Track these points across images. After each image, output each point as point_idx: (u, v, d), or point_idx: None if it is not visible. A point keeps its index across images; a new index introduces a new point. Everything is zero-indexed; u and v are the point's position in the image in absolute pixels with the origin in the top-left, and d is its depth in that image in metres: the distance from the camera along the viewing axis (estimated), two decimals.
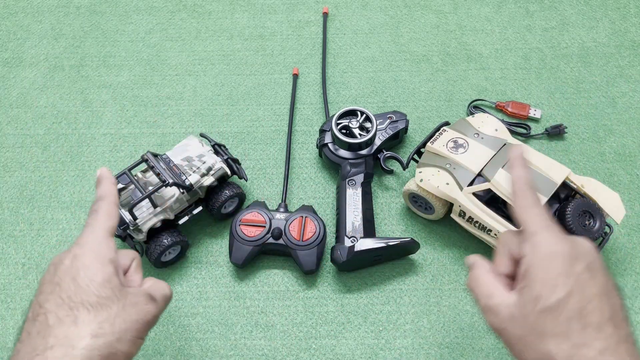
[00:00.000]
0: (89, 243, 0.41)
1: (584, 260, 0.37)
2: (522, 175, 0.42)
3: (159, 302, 0.42)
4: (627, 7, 0.81)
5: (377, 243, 0.59)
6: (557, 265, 0.37)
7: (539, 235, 0.38)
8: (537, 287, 0.36)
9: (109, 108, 0.74)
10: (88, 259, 0.40)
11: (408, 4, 0.83)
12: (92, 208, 0.44)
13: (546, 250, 0.37)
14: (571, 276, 0.36)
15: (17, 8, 0.84)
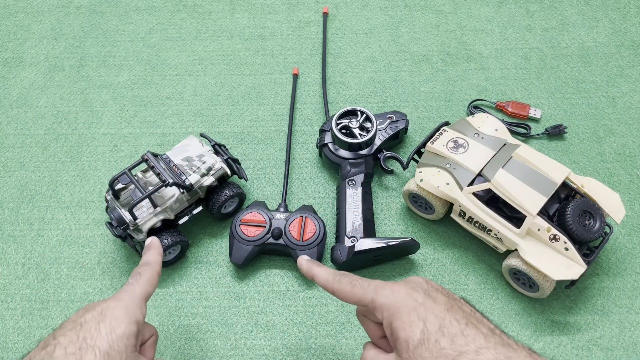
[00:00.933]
0: (124, 300, 0.43)
1: (419, 289, 0.41)
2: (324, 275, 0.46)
3: None
4: (627, 7, 0.81)
5: (377, 243, 0.59)
6: (404, 306, 0.40)
7: (378, 298, 0.41)
8: (401, 335, 0.39)
9: (109, 108, 0.74)
10: (118, 312, 0.41)
11: (408, 4, 0.83)
12: (137, 270, 0.47)
13: (392, 303, 0.41)
14: (418, 307, 0.40)
15: (17, 8, 0.84)
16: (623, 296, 0.60)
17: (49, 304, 0.61)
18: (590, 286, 0.61)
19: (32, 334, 0.59)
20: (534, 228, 0.56)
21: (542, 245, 0.56)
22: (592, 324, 0.58)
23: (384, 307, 0.41)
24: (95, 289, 0.62)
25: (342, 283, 0.44)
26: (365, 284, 0.43)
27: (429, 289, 0.42)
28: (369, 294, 0.42)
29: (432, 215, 0.64)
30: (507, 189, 0.56)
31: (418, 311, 0.40)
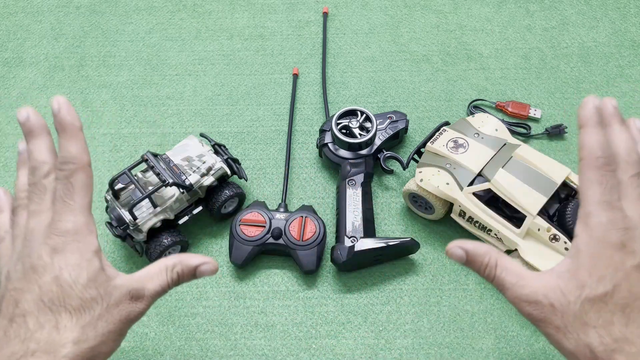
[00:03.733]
0: (69, 232, 0.36)
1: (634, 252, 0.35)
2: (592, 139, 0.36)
3: (147, 300, 0.39)
4: (627, 7, 0.81)
5: (377, 243, 0.59)
6: (608, 255, 0.34)
7: (594, 217, 0.35)
8: (581, 275, 0.34)
9: (109, 108, 0.74)
10: (71, 256, 0.35)
11: (408, 4, 0.83)
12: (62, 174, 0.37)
13: (598, 236, 0.35)
14: (620, 270, 0.34)
15: (17, 8, 0.84)
16: None
17: None
18: None
19: None
20: (534, 228, 0.56)
21: (542, 245, 0.56)
22: None
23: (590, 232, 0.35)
24: None
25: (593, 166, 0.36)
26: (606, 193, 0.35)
27: None
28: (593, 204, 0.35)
29: (432, 215, 0.64)
30: (507, 189, 0.56)
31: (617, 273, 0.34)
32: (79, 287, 0.35)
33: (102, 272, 0.36)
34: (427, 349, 0.58)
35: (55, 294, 0.35)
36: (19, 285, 0.36)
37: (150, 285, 0.39)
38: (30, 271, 0.36)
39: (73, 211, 0.36)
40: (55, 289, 0.35)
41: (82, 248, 0.36)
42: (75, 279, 0.35)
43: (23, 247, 0.37)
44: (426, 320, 0.59)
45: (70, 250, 0.36)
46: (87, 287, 0.35)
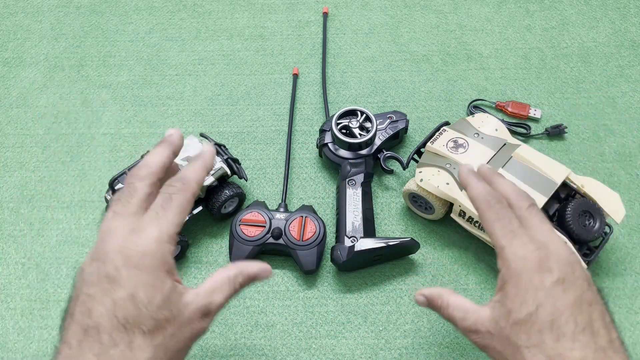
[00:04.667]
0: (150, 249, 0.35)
1: (556, 271, 0.37)
2: (479, 189, 0.42)
3: (213, 314, 0.39)
4: (627, 7, 0.81)
5: (377, 243, 0.59)
6: (527, 279, 0.37)
7: (507, 249, 0.38)
8: (508, 303, 0.37)
9: (109, 108, 0.74)
10: (147, 274, 0.35)
11: (408, 4, 0.83)
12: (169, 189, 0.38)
13: (515, 266, 0.38)
14: (540, 290, 0.36)
15: (17, 8, 0.84)
16: (623, 296, 0.60)
17: (49, 304, 0.61)
18: None
19: (32, 334, 0.59)
20: None
21: None
22: None
23: (507, 263, 0.38)
24: None
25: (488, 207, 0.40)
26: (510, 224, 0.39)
27: (567, 276, 0.37)
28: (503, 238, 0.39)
29: (432, 215, 0.64)
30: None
31: (537, 294, 0.36)
32: (153, 308, 0.34)
33: (175, 292, 0.36)
34: (427, 349, 0.58)
35: (130, 312, 0.34)
36: (93, 292, 0.35)
37: (217, 299, 0.39)
38: (104, 280, 0.35)
39: (160, 225, 0.36)
40: (130, 307, 0.34)
41: (157, 266, 0.35)
42: (151, 299, 0.34)
43: (99, 244, 0.37)
44: (426, 320, 0.59)
45: (146, 267, 0.35)
46: (161, 308, 0.35)
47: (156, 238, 0.36)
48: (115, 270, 0.35)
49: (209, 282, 0.40)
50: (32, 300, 0.61)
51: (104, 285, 0.35)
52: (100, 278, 0.35)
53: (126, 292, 0.34)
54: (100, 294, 0.35)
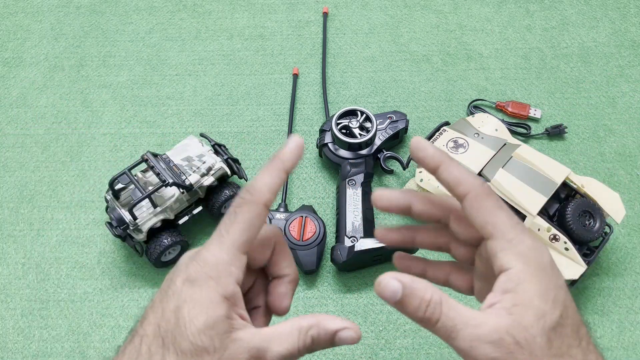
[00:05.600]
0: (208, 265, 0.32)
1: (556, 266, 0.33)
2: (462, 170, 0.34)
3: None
4: (627, 7, 0.81)
5: (377, 243, 0.59)
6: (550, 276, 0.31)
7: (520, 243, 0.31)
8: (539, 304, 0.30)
9: (109, 108, 0.74)
10: (199, 291, 0.31)
11: (408, 4, 0.83)
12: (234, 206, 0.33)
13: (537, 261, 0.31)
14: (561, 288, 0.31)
15: (17, 8, 0.84)
16: (623, 296, 0.60)
17: (49, 304, 0.61)
18: (590, 286, 0.61)
19: (32, 334, 0.59)
20: (534, 228, 0.56)
21: None
22: (592, 324, 0.58)
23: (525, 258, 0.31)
24: (95, 289, 0.62)
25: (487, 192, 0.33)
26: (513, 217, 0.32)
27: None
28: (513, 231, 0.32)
29: None
30: (507, 188, 0.56)
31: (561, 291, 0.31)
32: (192, 329, 0.31)
33: (225, 321, 0.31)
34: (427, 349, 0.58)
35: (171, 325, 0.31)
36: (155, 299, 0.33)
37: (277, 347, 0.33)
38: (164, 290, 0.33)
39: (221, 244, 0.32)
40: (172, 320, 0.31)
41: (212, 287, 0.31)
42: (192, 318, 0.31)
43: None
44: None
45: (200, 285, 0.32)
46: (201, 332, 0.31)
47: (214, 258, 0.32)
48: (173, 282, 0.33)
49: (276, 326, 0.35)
50: (32, 300, 0.61)
51: (163, 295, 0.33)
52: (164, 289, 0.33)
53: (175, 304, 0.32)
54: (157, 302, 0.33)
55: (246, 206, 0.33)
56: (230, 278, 0.32)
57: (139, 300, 0.61)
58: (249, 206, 0.33)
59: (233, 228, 0.32)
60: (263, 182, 0.33)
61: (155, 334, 0.31)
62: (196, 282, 0.32)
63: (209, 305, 0.31)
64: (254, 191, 0.33)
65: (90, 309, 0.61)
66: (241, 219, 0.32)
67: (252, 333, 0.32)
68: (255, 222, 0.33)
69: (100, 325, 0.60)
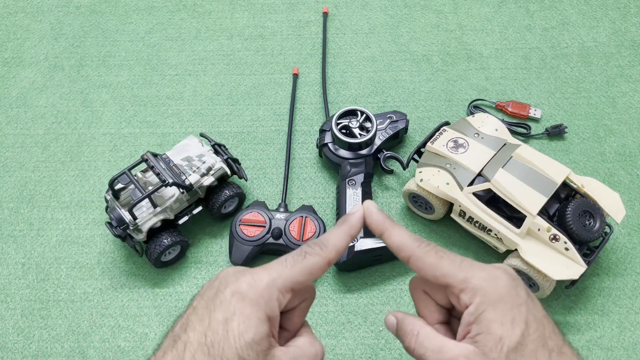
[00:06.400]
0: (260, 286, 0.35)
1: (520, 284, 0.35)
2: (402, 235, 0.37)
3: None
4: (628, 7, 0.81)
5: (377, 243, 0.59)
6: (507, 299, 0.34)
7: (473, 279, 0.35)
8: (497, 330, 0.33)
9: (109, 108, 0.74)
10: (249, 306, 0.34)
11: (408, 4, 0.83)
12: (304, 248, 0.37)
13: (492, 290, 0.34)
14: (521, 305, 0.34)
15: (17, 8, 0.84)
16: (623, 296, 0.60)
17: (49, 304, 0.61)
18: (590, 286, 0.61)
19: (32, 334, 0.59)
20: (534, 228, 0.56)
21: (542, 245, 0.56)
22: (592, 324, 0.58)
23: (480, 291, 0.34)
24: (95, 289, 0.62)
25: (426, 251, 0.36)
26: (456, 259, 0.36)
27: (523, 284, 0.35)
28: (461, 272, 0.35)
29: (432, 215, 0.64)
30: (507, 188, 0.56)
31: (521, 309, 0.34)
32: (241, 343, 0.33)
33: (268, 339, 0.34)
34: None
35: (219, 336, 0.33)
36: (198, 306, 0.35)
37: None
38: (212, 299, 0.35)
39: (281, 273, 0.35)
40: (220, 332, 0.33)
41: (261, 305, 0.34)
42: (242, 332, 0.33)
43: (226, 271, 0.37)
44: None
45: (251, 301, 0.34)
46: (249, 346, 0.33)
47: (269, 280, 0.35)
48: (224, 294, 0.35)
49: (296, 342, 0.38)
50: (32, 300, 0.61)
51: (209, 304, 0.35)
52: (210, 297, 0.35)
53: (223, 316, 0.34)
54: (203, 310, 0.35)
55: (316, 256, 0.36)
56: (275, 302, 0.35)
57: (138, 300, 0.61)
58: (318, 258, 0.36)
59: (297, 266, 0.36)
60: (334, 242, 0.37)
61: (200, 343, 0.33)
62: (247, 297, 0.34)
63: (258, 322, 0.34)
64: (326, 249, 0.37)
65: (90, 309, 0.61)
66: (307, 263, 0.36)
67: (284, 351, 0.36)
68: (315, 272, 0.36)
69: (100, 325, 0.60)
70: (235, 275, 0.36)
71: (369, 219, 0.38)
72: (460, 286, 0.35)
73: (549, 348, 0.33)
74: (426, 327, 0.37)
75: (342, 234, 0.38)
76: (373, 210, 0.38)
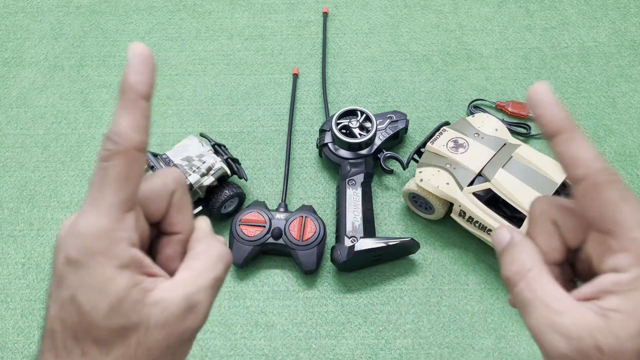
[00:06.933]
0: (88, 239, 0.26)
1: None
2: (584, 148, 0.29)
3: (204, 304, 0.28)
4: (628, 7, 0.81)
5: (377, 243, 0.59)
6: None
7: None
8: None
9: (109, 108, 0.74)
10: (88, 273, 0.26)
11: (408, 4, 0.83)
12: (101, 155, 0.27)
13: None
14: None
15: (17, 8, 0.84)
16: None
17: None
18: None
19: (32, 334, 0.59)
20: None
21: None
22: None
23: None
24: None
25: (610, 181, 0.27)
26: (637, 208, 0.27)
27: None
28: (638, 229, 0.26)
29: (432, 215, 0.64)
30: (507, 188, 0.56)
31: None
32: (100, 315, 0.26)
33: (134, 290, 0.27)
34: (427, 349, 0.58)
35: (74, 319, 0.27)
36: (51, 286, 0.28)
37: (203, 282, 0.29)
38: (55, 280, 0.28)
39: (97, 209, 0.27)
40: (73, 312, 0.27)
41: (102, 263, 0.26)
42: (94, 305, 0.26)
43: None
44: (426, 320, 0.59)
45: (87, 265, 0.26)
46: (111, 315, 0.26)
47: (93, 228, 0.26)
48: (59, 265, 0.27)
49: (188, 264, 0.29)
50: (32, 300, 0.61)
51: (55, 285, 0.28)
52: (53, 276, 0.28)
53: (68, 293, 0.27)
54: (54, 292, 0.28)
55: (115, 158, 0.27)
56: (121, 244, 0.27)
57: None
58: (118, 156, 0.27)
59: (106, 187, 0.27)
60: (124, 123, 0.27)
61: (63, 329, 0.27)
62: (80, 263, 0.26)
63: (106, 285, 0.26)
64: (118, 137, 0.27)
65: None
66: (113, 174, 0.27)
67: (170, 286, 0.28)
68: (131, 173, 0.27)
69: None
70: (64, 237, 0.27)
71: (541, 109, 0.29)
72: (627, 244, 0.26)
73: None
74: (544, 267, 0.28)
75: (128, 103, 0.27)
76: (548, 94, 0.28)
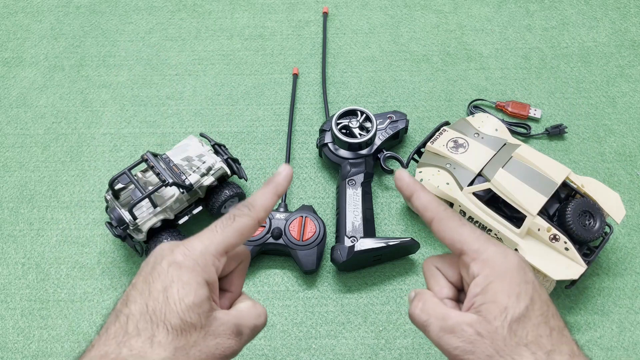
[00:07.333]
0: (195, 253, 0.36)
1: (528, 267, 0.37)
2: (430, 197, 0.39)
3: (245, 337, 0.38)
4: (628, 7, 0.81)
5: (377, 243, 0.59)
6: (515, 275, 0.36)
7: (485, 252, 0.36)
8: (502, 300, 0.34)
9: (108, 108, 0.74)
10: (186, 273, 0.35)
11: (408, 4, 0.83)
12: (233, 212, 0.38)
13: (501, 264, 0.36)
14: (528, 283, 0.35)
15: (17, 8, 0.84)
16: (623, 296, 0.60)
17: (49, 304, 0.61)
18: (590, 286, 0.61)
19: (31, 334, 0.59)
20: (534, 228, 0.56)
21: (542, 245, 0.56)
22: (592, 324, 0.58)
23: (490, 263, 0.36)
24: (95, 288, 0.62)
25: (449, 216, 0.38)
26: (475, 231, 0.38)
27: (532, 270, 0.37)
28: (477, 242, 0.37)
29: None
30: (507, 188, 0.56)
31: (527, 286, 0.35)
32: (182, 307, 0.34)
33: (208, 302, 0.36)
34: (427, 349, 0.58)
35: (160, 304, 0.34)
36: (137, 282, 0.36)
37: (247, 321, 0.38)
38: (149, 273, 0.36)
39: (213, 239, 0.37)
40: (161, 299, 0.34)
41: (198, 271, 0.35)
42: (182, 296, 0.34)
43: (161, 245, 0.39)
44: None
45: (187, 269, 0.35)
46: (190, 309, 0.34)
47: (203, 247, 0.36)
48: (161, 265, 0.36)
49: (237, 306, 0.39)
50: (32, 300, 0.61)
51: (147, 277, 0.36)
52: (148, 272, 0.36)
53: (162, 284, 0.35)
54: (142, 284, 0.36)
55: (245, 217, 0.38)
56: (212, 268, 0.36)
57: None
58: (247, 218, 0.38)
59: (227, 230, 0.37)
60: (261, 202, 0.38)
61: (142, 313, 0.34)
62: (183, 266, 0.35)
63: (197, 286, 0.35)
64: (253, 208, 0.38)
65: (90, 309, 0.61)
66: (237, 226, 0.37)
67: (225, 313, 0.37)
68: (246, 233, 0.38)
69: (100, 326, 0.59)
70: (169, 248, 0.37)
71: (399, 182, 0.40)
72: (473, 255, 0.36)
73: (551, 326, 0.34)
74: (434, 297, 0.38)
75: (269, 193, 0.39)
76: (404, 174, 0.40)
